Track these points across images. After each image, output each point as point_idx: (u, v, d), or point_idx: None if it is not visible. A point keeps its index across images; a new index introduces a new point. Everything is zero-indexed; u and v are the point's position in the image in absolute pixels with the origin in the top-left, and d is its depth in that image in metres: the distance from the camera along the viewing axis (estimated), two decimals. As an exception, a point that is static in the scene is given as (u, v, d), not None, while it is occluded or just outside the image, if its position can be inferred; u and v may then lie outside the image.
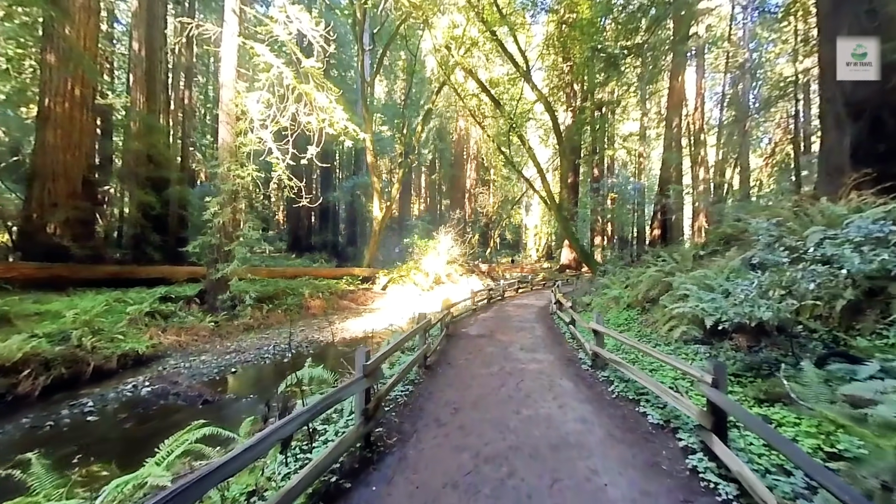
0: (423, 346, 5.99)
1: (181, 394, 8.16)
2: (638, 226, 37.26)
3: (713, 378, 3.30)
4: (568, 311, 8.74)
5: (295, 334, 13.11)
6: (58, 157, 14.84)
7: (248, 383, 9.07)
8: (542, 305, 14.26)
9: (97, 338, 9.72)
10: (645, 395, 4.93)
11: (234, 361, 10.34)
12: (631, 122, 34.54)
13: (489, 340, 8.34)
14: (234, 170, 12.25)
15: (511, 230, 48.17)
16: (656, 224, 28.09)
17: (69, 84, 15.07)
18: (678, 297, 7.46)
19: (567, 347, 7.88)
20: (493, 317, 11.91)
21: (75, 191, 15.21)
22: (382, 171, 36.20)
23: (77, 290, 13.15)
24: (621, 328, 8.33)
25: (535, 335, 8.91)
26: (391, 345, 4.49)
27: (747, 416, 2.92)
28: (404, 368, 4.85)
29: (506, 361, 6.70)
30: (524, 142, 18.24)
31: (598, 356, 6.08)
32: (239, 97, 12.93)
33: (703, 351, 5.95)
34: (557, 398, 5.00)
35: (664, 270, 8.55)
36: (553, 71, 28.41)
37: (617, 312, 9.33)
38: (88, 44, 15.75)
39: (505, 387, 5.44)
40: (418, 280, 23.04)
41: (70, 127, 15.07)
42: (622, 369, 5.27)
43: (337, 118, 13.54)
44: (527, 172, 29.41)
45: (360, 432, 3.44)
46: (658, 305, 8.21)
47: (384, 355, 3.99)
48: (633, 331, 7.89)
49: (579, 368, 6.37)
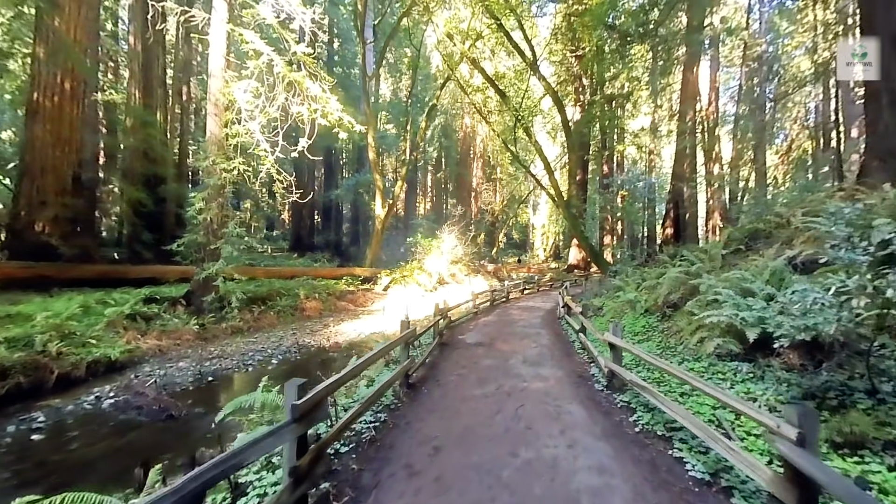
0: (406, 360, 4.95)
1: (145, 408, 7.22)
2: (649, 225, 35.84)
3: (798, 433, 2.18)
4: (577, 316, 7.63)
5: (285, 338, 12.17)
6: (46, 153, 14.14)
7: (222, 395, 8.10)
8: (549, 308, 13.11)
9: (66, 343, 8.86)
10: (678, 430, 3.82)
11: (214, 369, 9.40)
12: (642, 116, 33.10)
13: (488, 350, 7.25)
14: (220, 163, 11.33)
15: (518, 229, 46.93)
16: (669, 222, 26.69)
17: (58, 77, 14.36)
18: (708, 303, 6.30)
19: (577, 360, 6.76)
20: (496, 321, 10.80)
21: (65, 188, 14.50)
22: (388, 169, 35.33)
23: (63, 290, 12.40)
24: (639, 337, 7.19)
25: (541, 344, 7.79)
26: (351, 367, 3.44)
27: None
28: (371, 395, 3.79)
29: (505, 378, 5.61)
30: (531, 135, 17.11)
31: (614, 375, 4.97)
32: (227, 87, 12.03)
33: (746, 371, 4.81)
34: (566, 432, 3.91)
35: (688, 271, 7.38)
36: (561, 66, 27.20)
37: (633, 318, 8.18)
38: (79, 36, 15.00)
39: (501, 414, 4.36)
40: (421, 280, 22.02)
41: (60, 121, 14.36)
42: (646, 394, 4.16)
43: (330, 109, 12.60)
44: (534, 170, 28.22)
45: (286, 500, 2.40)
46: (682, 311, 7.05)
47: (332, 385, 2.94)
48: (654, 342, 6.74)
49: (592, 389, 5.26)
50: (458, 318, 10.63)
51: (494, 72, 22.51)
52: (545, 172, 18.44)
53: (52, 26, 14.38)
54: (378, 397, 4.00)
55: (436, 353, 6.95)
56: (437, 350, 7.12)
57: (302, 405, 2.48)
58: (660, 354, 6.07)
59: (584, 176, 26.95)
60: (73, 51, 14.64)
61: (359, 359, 3.97)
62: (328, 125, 12.80)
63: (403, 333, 4.87)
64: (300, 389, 2.53)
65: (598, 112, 22.19)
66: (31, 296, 11.42)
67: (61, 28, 14.54)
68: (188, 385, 8.47)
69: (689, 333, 6.29)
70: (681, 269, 7.56)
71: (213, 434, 4.44)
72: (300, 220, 27.15)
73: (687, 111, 24.85)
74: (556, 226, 40.14)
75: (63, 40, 14.46)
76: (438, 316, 7.29)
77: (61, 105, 14.58)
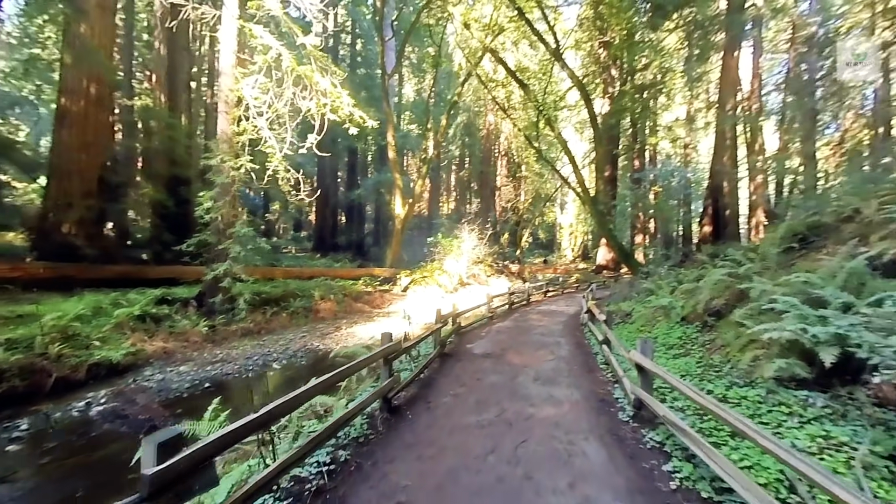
0: (386, 380, 4.09)
1: (130, 417, 6.73)
2: (684, 223, 33.53)
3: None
4: (601, 324, 6.53)
5: (294, 341, 11.61)
6: (72, 156, 14.26)
7: (205, 405, 7.51)
8: (573, 313, 11.93)
9: (69, 345, 8.58)
10: (729, 493, 2.76)
11: (213, 374, 8.89)
12: (676, 108, 30.92)
13: (496, 363, 6.28)
14: (228, 161, 10.91)
15: (544, 229, 45.29)
16: (706, 219, 24.64)
17: (84, 82, 14.48)
18: (761, 312, 5.11)
19: (599, 377, 5.68)
20: (511, 327, 9.76)
21: (90, 190, 14.59)
22: (412, 169, 34.70)
23: (84, 290, 12.38)
24: (674, 352, 6.01)
25: (558, 356, 6.74)
26: (285, 399, 2.58)
27: None
28: (323, 431, 2.93)
29: (510, 400, 4.65)
30: (553, 128, 15.90)
31: (643, 405, 3.91)
32: (237, 83, 11.62)
33: (820, 405, 3.64)
34: (577, 485, 2.93)
35: (735, 273, 6.14)
36: (588, 57, 25.68)
37: (667, 328, 6.98)
38: (104, 41, 15.11)
39: (496, 453, 3.42)
40: (442, 281, 21.18)
41: (85, 125, 14.46)
42: (685, 438, 3.11)
43: (341, 103, 11.97)
44: (560, 167, 26.77)
45: None
46: (727, 321, 5.84)
47: (229, 437, 2.10)
48: (694, 358, 5.56)
49: (615, 419, 4.21)
50: (470, 324, 9.68)
51: (517, 64, 21.36)
52: (570, 166, 17.15)
53: (78, 32, 14.50)
54: (334, 432, 3.15)
55: (435, 365, 6.05)
56: (438, 362, 6.21)
57: (162, 473, 1.66)
58: (701, 376, 4.93)
59: (614, 172, 25.26)
60: (98, 56, 14.71)
61: (318, 379, 3.13)
62: (338, 120, 12.19)
63: (382, 348, 4.01)
64: (162, 449, 1.70)
65: (628, 103, 20.63)
66: (52, 296, 11.36)
67: (87, 34, 14.64)
68: (183, 392, 7.98)
69: (739, 350, 5.11)
70: (726, 271, 6.32)
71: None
72: (323, 221, 26.94)
73: (727, 100, 22.84)
74: (585, 225, 38.30)
75: (88, 46, 14.56)
76: (440, 323, 6.39)
77: (86, 109, 14.68)
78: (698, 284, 6.77)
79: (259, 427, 2.36)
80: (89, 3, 14.60)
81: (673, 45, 23.53)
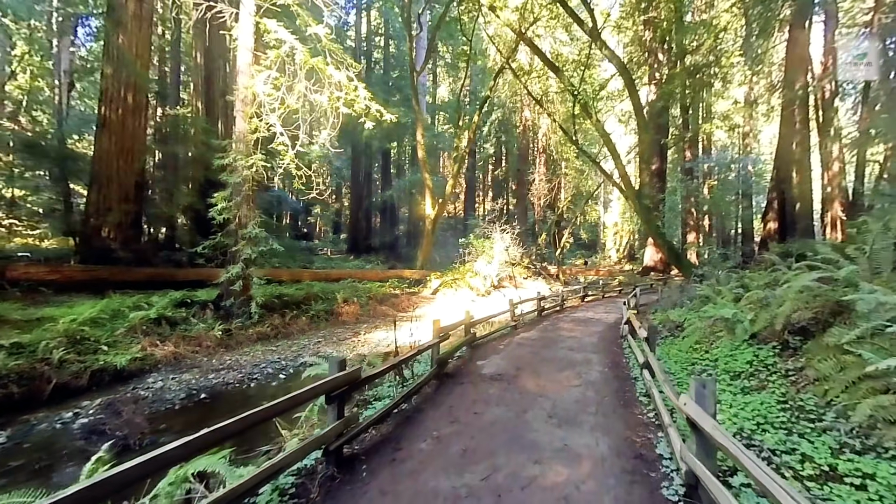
0: (332, 424, 2.97)
1: (109, 432, 6.08)
2: (744, 219, 29.98)
3: None
4: (642, 343, 5.02)
5: (308, 347, 10.86)
6: (111, 163, 14.54)
7: (202, 418, 6.79)
8: (612, 322, 10.24)
9: (75, 349, 8.29)
10: None
11: (214, 383, 8.23)
12: (732, 95, 27.62)
13: (506, 389, 4.97)
14: (241, 160, 10.38)
15: (587, 229, 42.61)
16: (772, 214, 21.67)
17: (122, 91, 14.76)
18: (873, 334, 3.48)
19: (636, 416, 4.21)
20: (536, 339, 8.28)
21: (128, 195, 14.82)
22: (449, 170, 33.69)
23: (116, 292, 12.42)
24: (742, 382, 4.41)
25: (587, 381, 5.30)
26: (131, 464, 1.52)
27: None
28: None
29: (508, 452, 3.37)
30: (591, 115, 14.13)
31: (699, 483, 2.50)
32: (252, 80, 11.13)
33: None
34: None
35: (831, 277, 4.45)
36: (632, 44, 23.38)
37: (730, 348, 5.33)
38: (140, 51, 15.35)
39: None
40: (474, 284, 19.92)
41: (122, 133, 14.71)
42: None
43: (356, 97, 11.15)
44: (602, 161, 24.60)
45: None
46: (821, 344, 4.18)
47: None
48: (774, 394, 3.96)
49: (656, 497, 2.81)
50: (489, 334, 8.34)
51: (552, 50, 19.68)
52: (610, 158, 15.30)
53: (117, 43, 14.78)
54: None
55: (428, 390, 4.85)
56: (433, 385, 4.99)
57: None
58: (787, 426, 3.38)
59: (662, 165, 22.68)
60: (135, 66, 14.95)
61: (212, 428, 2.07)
62: (355, 115, 11.39)
63: (324, 381, 2.90)
64: None
65: (678, 88, 18.32)
66: (84, 298, 11.38)
67: (124, 45, 14.90)
68: (177, 403, 7.33)
69: (845, 389, 3.50)
70: (816, 275, 4.62)
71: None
72: (357, 223, 26.57)
73: (796, 77, 19.83)
74: (630, 224, 35.39)
75: (126, 56, 14.81)
76: (438, 338, 5.16)
77: (124, 118, 14.92)
78: (774, 292, 5.08)
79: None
80: (126, 15, 14.84)
81: (728, 20, 20.86)
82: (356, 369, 3.22)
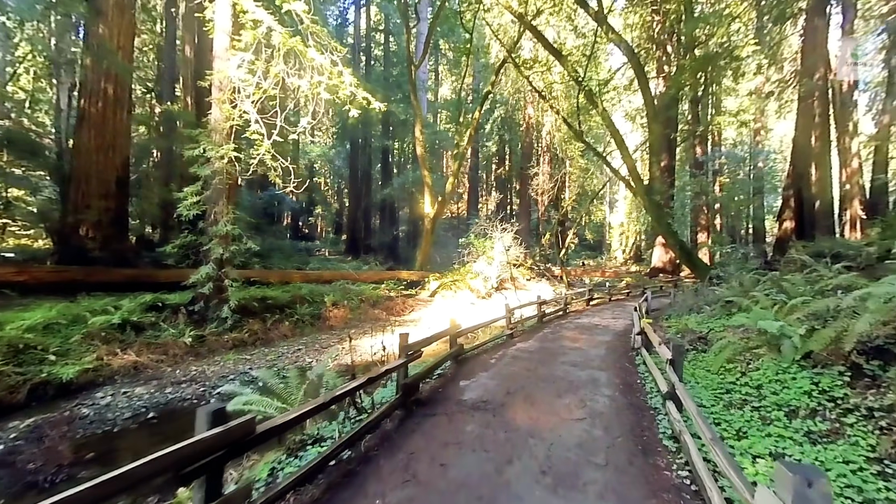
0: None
1: (19, 464, 5.07)
2: (755, 219, 28.47)
3: None
4: (667, 368, 3.80)
5: (285, 355, 9.77)
6: (90, 158, 13.60)
7: (141, 445, 5.72)
8: (621, 329, 9.01)
9: (17, 360, 7.27)
10: None
11: (169, 399, 7.18)
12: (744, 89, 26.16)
13: (487, 426, 3.77)
14: (212, 150, 9.34)
15: (592, 229, 41.24)
16: (788, 213, 20.26)
17: (102, 83, 13.84)
18: None
19: (662, 472, 3.03)
20: (534, 350, 7.07)
21: (108, 192, 13.87)
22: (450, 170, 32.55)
23: (89, 294, 11.44)
24: (804, 424, 3.21)
25: (594, 411, 4.11)
26: None
27: None
28: None
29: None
30: (595, 104, 12.90)
31: None
32: (227, 63, 10.11)
33: None
34: None
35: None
36: (640, 35, 22.08)
37: (775, 370, 4.11)
38: (122, 42, 14.42)
39: None
40: (474, 285, 18.73)
41: (103, 127, 13.77)
42: None
43: (341, 82, 10.05)
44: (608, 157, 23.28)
45: None
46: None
47: None
48: (857, 447, 2.77)
49: None
50: (481, 344, 7.16)
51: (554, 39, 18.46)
52: (619, 156, 14.05)
53: (96, 33, 13.88)
54: None
55: (389, 426, 3.69)
56: (396, 419, 3.83)
57: None
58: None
59: (671, 161, 21.32)
60: (115, 57, 14.02)
61: None
62: (339, 102, 10.29)
63: (172, 450, 1.78)
64: None
65: (688, 79, 17.01)
66: (51, 301, 10.38)
67: (105, 35, 13.98)
68: (118, 424, 6.26)
69: None
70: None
71: None
72: (355, 222, 25.49)
73: (813, 68, 18.43)
74: (637, 224, 33.95)
75: (106, 47, 13.89)
76: (403, 358, 3.97)
77: (104, 111, 13.98)
78: (840, 302, 3.84)
79: None
80: (107, 3, 13.93)
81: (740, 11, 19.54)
82: (247, 421, 2.10)
